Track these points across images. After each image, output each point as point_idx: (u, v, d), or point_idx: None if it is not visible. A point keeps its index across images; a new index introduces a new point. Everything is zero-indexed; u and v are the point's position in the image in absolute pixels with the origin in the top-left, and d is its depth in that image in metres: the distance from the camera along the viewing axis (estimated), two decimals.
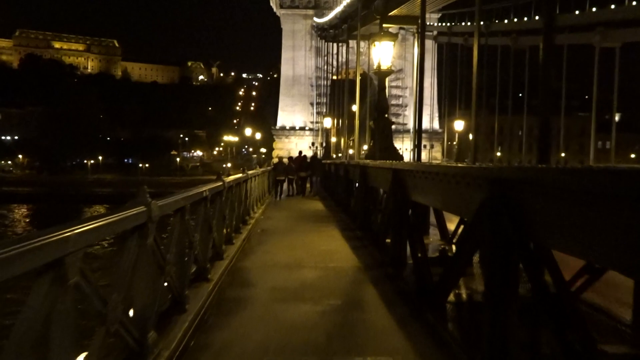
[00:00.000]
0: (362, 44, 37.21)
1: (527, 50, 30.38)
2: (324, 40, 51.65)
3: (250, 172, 13.11)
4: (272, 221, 13.50)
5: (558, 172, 3.19)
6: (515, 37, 30.99)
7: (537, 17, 29.25)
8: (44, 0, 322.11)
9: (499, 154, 71.62)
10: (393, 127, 52.36)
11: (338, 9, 31.95)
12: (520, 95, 40.03)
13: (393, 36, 13.94)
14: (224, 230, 8.41)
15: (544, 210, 3.39)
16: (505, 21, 32.26)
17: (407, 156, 58.72)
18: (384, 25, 15.94)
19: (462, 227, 10.98)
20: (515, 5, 31.52)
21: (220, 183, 7.59)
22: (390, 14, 16.22)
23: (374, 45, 13.53)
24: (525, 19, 30.98)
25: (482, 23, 35.32)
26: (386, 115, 14.15)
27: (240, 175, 10.78)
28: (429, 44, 54.89)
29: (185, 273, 5.44)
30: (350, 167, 14.39)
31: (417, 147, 8.90)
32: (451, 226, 12.21)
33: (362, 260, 8.37)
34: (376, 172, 10.11)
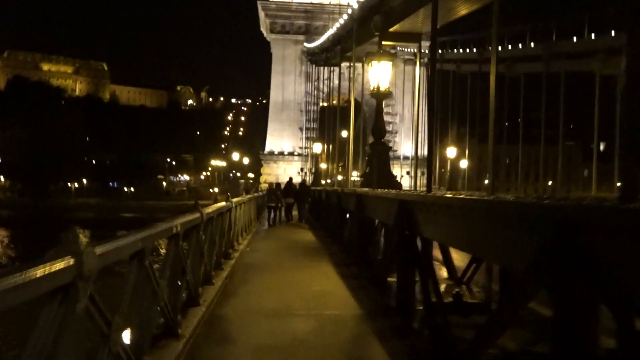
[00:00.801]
0: (353, 66, 36.70)
1: (521, 77, 29.83)
2: (314, 65, 50.96)
3: (235, 199, 11.94)
4: (259, 254, 12.29)
5: None
6: (509, 64, 30.43)
7: (532, 44, 28.81)
8: (34, 22, 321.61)
9: (486, 181, 70.77)
10: None
11: (331, 31, 31.18)
12: (508, 123, 39.62)
13: (391, 55, 13.00)
14: (202, 269, 7.21)
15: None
16: (500, 48, 31.72)
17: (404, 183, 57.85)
18: (383, 43, 14.90)
19: (474, 265, 9.87)
20: (509, 33, 31.06)
21: (197, 215, 6.41)
22: (390, 29, 15.26)
23: (371, 65, 12.56)
24: (520, 45, 30.57)
25: (475, 50, 35.01)
26: (383, 140, 13.11)
27: (222, 204, 9.60)
28: (419, 70, 54.62)
29: (145, 334, 4.24)
30: (344, 195, 13.29)
31: (428, 177, 7.79)
32: (457, 262, 11.09)
33: (363, 306, 7.18)
34: (376, 202, 9.01)
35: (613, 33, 22.94)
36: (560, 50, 24.86)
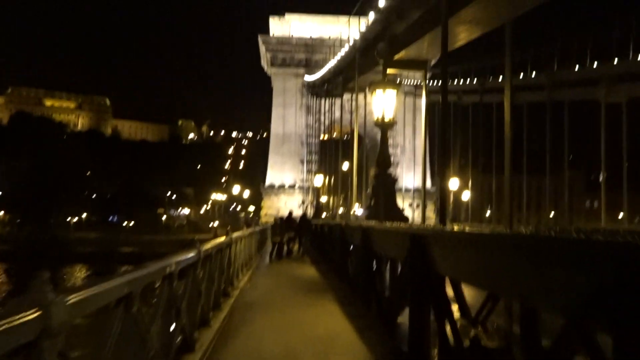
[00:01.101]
0: (352, 96, 36.67)
1: (524, 106, 29.59)
2: (315, 97, 51.08)
3: (235, 234, 11.46)
4: (260, 291, 11.74)
5: None
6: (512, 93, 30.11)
7: (534, 74, 28.66)
8: (37, 58, 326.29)
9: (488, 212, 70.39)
10: None
11: (332, 62, 31.10)
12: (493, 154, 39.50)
13: (396, 84, 12.69)
14: (198, 310, 6.69)
15: None
16: (500, 78, 31.72)
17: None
18: (388, 71, 14.56)
19: (490, 304, 9.30)
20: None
21: (194, 252, 5.94)
22: (395, 57, 14.96)
23: (375, 94, 12.24)
24: (522, 75, 30.45)
25: (476, 80, 34.99)
26: (389, 172, 12.69)
27: (222, 239, 9.13)
28: (419, 102, 54.74)
29: None
30: (348, 229, 12.81)
31: (441, 209, 7.32)
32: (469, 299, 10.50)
33: (373, 350, 6.63)
34: (384, 236, 8.54)
35: (616, 60, 22.78)
36: (563, 78, 24.63)
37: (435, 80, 51.62)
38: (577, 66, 25.19)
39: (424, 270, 6.10)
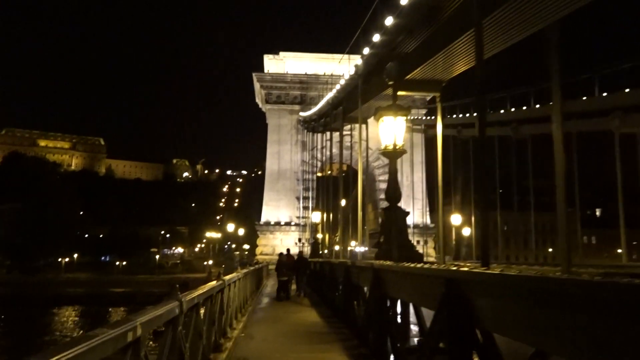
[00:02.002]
0: (351, 130, 35.83)
1: (529, 140, 28.63)
2: (311, 133, 50.17)
3: (228, 277, 10.12)
4: (256, 342, 10.32)
5: None
6: (516, 127, 29.31)
7: (537, 106, 27.80)
8: (32, 99, 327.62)
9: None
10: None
11: (330, 94, 30.09)
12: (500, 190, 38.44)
13: (405, 109, 11.59)
14: None
15: None
16: (502, 111, 30.92)
17: None
18: (398, 93, 13.28)
19: None
20: (511, 95, 30.23)
21: (172, 304, 4.66)
22: (407, 77, 13.77)
23: (382, 120, 11.14)
24: (524, 107, 29.61)
25: (476, 114, 34.12)
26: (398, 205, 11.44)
27: (212, 284, 7.81)
28: (417, 137, 53.93)
29: None
30: (355, 269, 11.50)
31: (483, 248, 6.07)
32: None
33: None
34: (403, 278, 7.26)
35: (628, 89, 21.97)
36: (570, 110, 23.75)
37: (432, 116, 51.00)
38: (584, 97, 24.35)
39: (466, 326, 4.83)
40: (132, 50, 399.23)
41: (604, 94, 23.39)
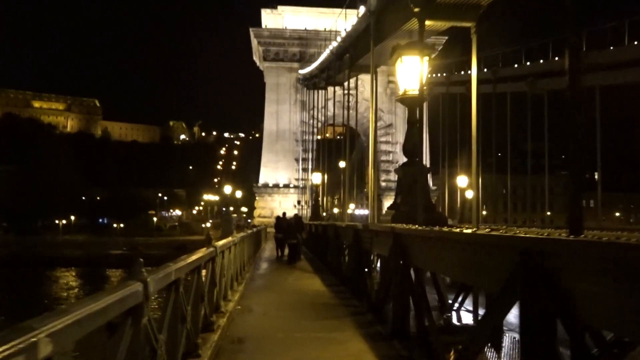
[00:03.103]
0: (349, 95, 33.90)
1: (545, 95, 26.74)
2: (312, 90, 48.13)
3: (222, 242, 8.67)
4: (255, 317, 8.96)
5: None
6: (532, 81, 27.39)
7: (556, 58, 25.87)
8: (25, 60, 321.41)
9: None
10: (384, 184, 48.28)
11: (333, 44, 27.99)
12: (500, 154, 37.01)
13: (429, 48, 9.86)
14: None
15: None
16: (515, 65, 29.02)
17: None
18: (426, 23, 11.18)
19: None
20: (524, 49, 28.22)
21: (130, 288, 3.17)
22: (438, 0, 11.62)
23: (401, 61, 9.50)
24: (541, 61, 27.68)
25: (486, 70, 32.24)
26: (418, 159, 9.87)
27: (201, 253, 6.33)
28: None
29: None
30: (366, 233, 10.07)
31: (571, 213, 4.55)
32: None
33: None
34: (436, 247, 5.80)
35: None
36: (592, 61, 21.86)
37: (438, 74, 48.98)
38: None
39: (553, 316, 3.38)
40: (126, 8, 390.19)
41: (635, 43, 21.46)
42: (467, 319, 10.47)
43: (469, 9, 11.31)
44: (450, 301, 8.95)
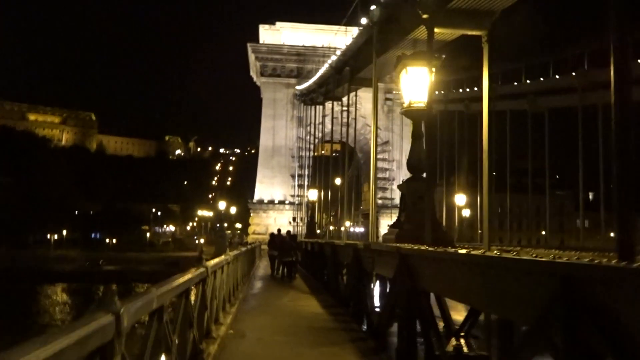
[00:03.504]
0: (345, 111, 33.40)
1: (545, 113, 26.36)
2: (309, 106, 47.68)
3: (212, 262, 8.06)
4: (248, 344, 8.31)
5: None
6: (533, 99, 27.07)
7: (557, 77, 25.56)
8: (21, 72, 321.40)
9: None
10: (380, 201, 47.57)
11: (332, 59, 27.55)
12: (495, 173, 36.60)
13: (436, 58, 9.31)
14: None
15: None
16: (515, 83, 28.74)
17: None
18: (435, 31, 10.48)
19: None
20: (526, 66, 27.91)
21: (99, 322, 2.59)
22: (449, 5, 10.88)
23: (406, 71, 9.02)
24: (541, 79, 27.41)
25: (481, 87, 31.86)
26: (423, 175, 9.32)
27: (189, 275, 5.73)
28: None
29: None
30: (367, 253, 9.50)
31: (624, 248, 4.02)
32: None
33: None
34: (451, 270, 5.24)
35: None
36: (596, 80, 21.49)
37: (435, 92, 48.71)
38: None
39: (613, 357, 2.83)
40: (123, 22, 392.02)
41: None
42: (477, 346, 9.85)
43: (481, 16, 10.71)
44: (457, 326, 8.38)
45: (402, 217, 9.32)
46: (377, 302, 11.11)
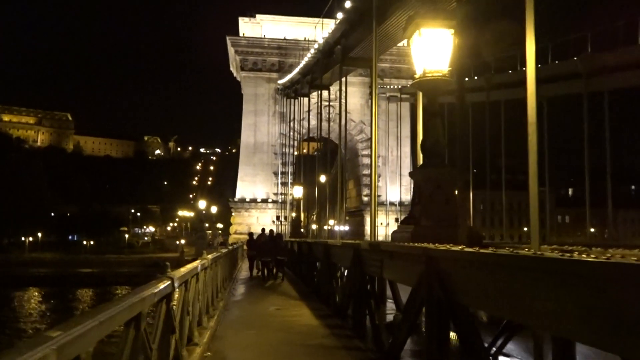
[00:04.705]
0: (329, 107, 31.80)
1: (544, 103, 24.87)
2: (292, 99, 45.84)
3: (181, 271, 6.34)
4: None
5: None
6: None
7: (556, 62, 24.14)
8: None
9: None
10: (366, 199, 45.92)
11: (319, 41, 25.60)
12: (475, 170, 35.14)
13: (452, 19, 7.60)
14: None
15: None
16: (510, 72, 27.32)
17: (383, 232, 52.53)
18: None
19: None
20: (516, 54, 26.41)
21: None
22: None
23: (420, 33, 7.36)
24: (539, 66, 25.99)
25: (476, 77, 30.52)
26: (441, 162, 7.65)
27: (144, 292, 3.98)
28: (405, 107, 50.31)
29: None
30: (372, 255, 7.86)
31: None
32: None
33: None
34: (505, 279, 3.62)
35: None
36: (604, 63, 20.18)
37: None
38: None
39: None
40: (99, 19, 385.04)
41: None
42: None
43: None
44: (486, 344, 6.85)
45: (416, 212, 7.65)
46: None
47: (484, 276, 4.37)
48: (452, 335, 5.43)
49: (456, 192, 7.71)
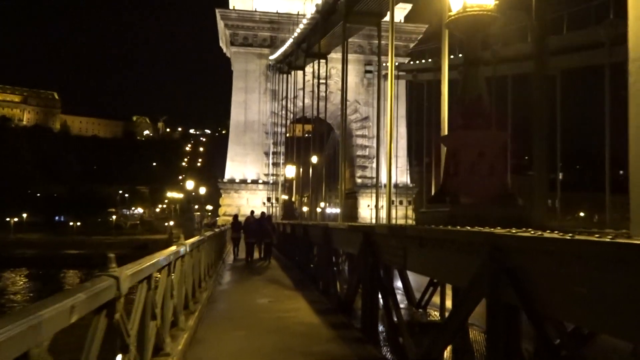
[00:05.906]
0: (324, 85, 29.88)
1: (558, 76, 23.20)
2: (287, 73, 43.77)
3: (166, 251, 4.69)
4: None
5: None
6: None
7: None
8: None
9: None
10: (359, 180, 44.04)
11: (318, 1, 23.56)
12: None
13: None
14: None
15: None
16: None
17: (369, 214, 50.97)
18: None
19: None
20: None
21: None
22: None
23: None
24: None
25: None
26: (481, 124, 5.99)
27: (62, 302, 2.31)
28: (401, 85, 48.47)
29: None
30: (390, 241, 6.24)
31: None
32: None
33: None
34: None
35: None
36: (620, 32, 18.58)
37: (415, 60, 45.73)
38: None
39: None
40: None
41: None
42: None
43: None
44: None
45: (450, 186, 5.99)
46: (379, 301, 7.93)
47: (585, 271, 2.75)
48: None
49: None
